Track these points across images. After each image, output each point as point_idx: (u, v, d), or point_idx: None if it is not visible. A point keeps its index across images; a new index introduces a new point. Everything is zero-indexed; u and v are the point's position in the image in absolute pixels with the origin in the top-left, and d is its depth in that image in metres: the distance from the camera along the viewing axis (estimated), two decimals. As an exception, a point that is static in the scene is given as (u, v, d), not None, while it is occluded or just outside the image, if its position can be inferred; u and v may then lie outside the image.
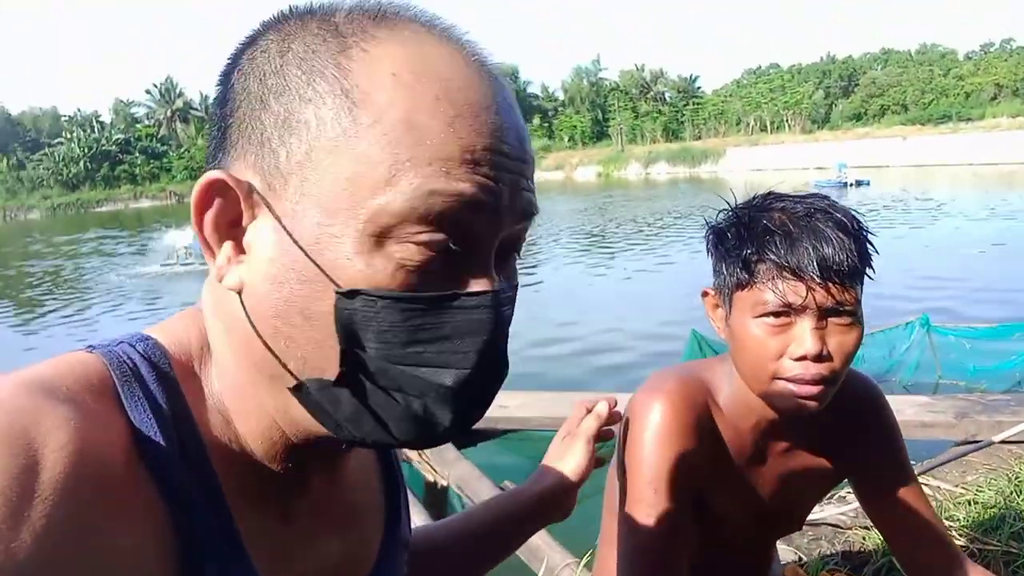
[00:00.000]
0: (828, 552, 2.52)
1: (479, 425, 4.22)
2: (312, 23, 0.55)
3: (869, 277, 1.18)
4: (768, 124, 79.88)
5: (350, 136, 0.51)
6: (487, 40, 0.61)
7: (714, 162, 60.00)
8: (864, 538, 2.55)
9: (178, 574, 0.52)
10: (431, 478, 3.93)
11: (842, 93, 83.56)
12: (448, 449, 3.92)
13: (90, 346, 0.57)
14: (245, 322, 0.56)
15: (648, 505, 1.23)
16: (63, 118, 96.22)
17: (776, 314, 1.14)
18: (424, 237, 0.52)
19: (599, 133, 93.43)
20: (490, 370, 0.56)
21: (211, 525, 0.54)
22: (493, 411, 4.32)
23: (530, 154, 0.59)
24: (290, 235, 0.53)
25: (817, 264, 1.10)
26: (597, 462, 1.15)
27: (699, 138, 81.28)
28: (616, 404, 1.19)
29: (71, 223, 55.47)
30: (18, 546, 0.41)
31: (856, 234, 1.15)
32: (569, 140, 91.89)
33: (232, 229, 0.56)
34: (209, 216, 0.55)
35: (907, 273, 11.57)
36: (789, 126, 78.20)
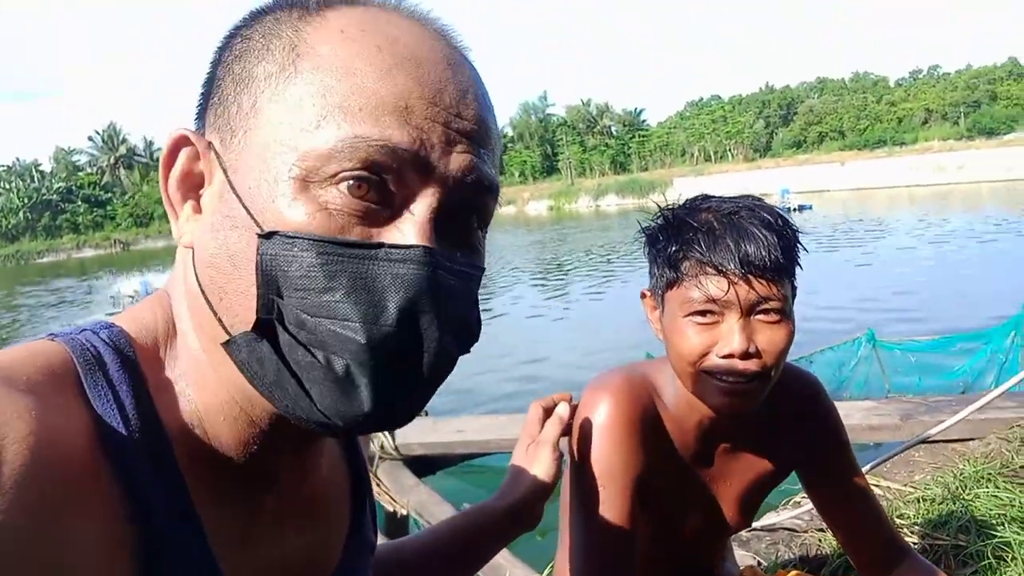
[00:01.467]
0: (786, 556, 2.54)
1: (437, 451, 4.21)
2: (287, 3, 0.57)
3: (794, 272, 1.20)
4: (712, 154, 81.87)
5: (289, 83, 0.53)
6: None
7: (661, 192, 60.95)
8: (820, 540, 2.58)
9: (137, 564, 0.51)
10: (391, 508, 3.87)
11: (782, 122, 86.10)
12: (406, 476, 3.88)
13: (52, 334, 0.56)
14: (194, 280, 0.56)
15: (599, 502, 1.23)
16: (1, 168, 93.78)
17: (703, 312, 1.16)
18: (346, 182, 0.51)
19: (549, 168, 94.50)
20: (420, 341, 0.52)
21: (171, 516, 0.53)
22: (451, 436, 4.34)
23: (485, 123, 0.57)
24: (230, 183, 0.54)
25: (739, 259, 1.12)
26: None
27: (646, 169, 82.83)
28: (572, 400, 1.20)
29: (10, 275, 53.72)
30: None
31: (781, 231, 1.16)
32: (520, 175, 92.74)
33: (195, 191, 0.57)
34: (174, 174, 0.57)
35: (851, 291, 11.87)
36: (732, 155, 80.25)
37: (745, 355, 1.14)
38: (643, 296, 1.34)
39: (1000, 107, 68.30)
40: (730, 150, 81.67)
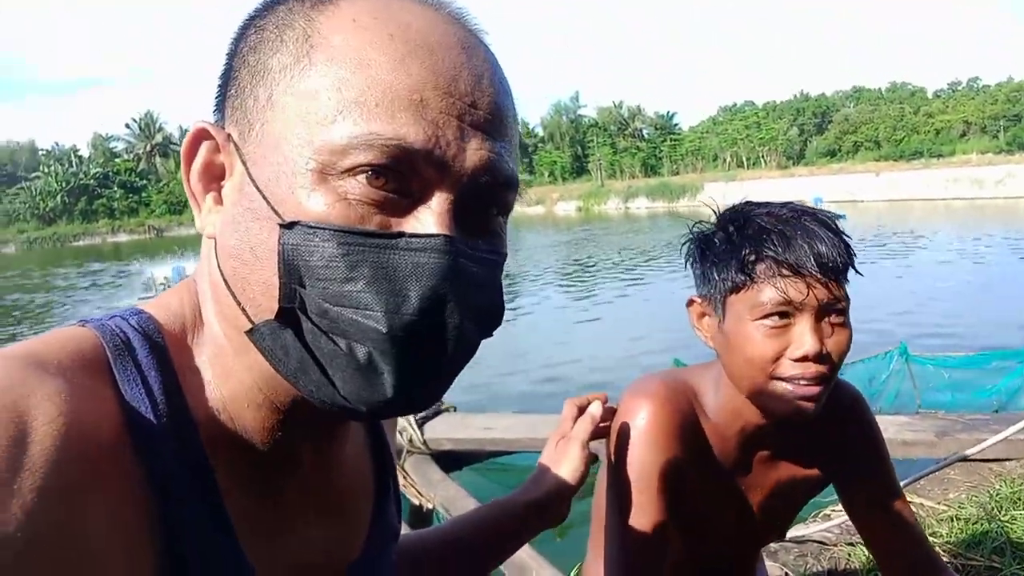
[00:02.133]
0: (814, 569, 2.52)
1: (465, 447, 4.22)
2: None
3: (858, 272, 1.20)
4: (744, 160, 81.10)
5: (304, 75, 0.53)
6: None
7: (692, 197, 60.61)
8: (849, 555, 2.56)
9: (163, 549, 0.52)
10: (416, 501, 3.89)
11: (816, 130, 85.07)
12: (433, 470, 3.90)
13: (83, 321, 0.57)
14: (217, 270, 0.57)
15: (635, 506, 1.23)
16: (40, 152, 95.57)
17: (776, 315, 1.14)
18: (364, 174, 0.51)
19: (579, 169, 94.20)
20: (442, 329, 0.53)
21: (197, 501, 0.54)
22: (479, 432, 4.33)
23: (501, 110, 0.57)
24: (250, 175, 0.54)
25: (814, 260, 1.12)
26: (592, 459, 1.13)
27: (677, 173, 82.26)
28: (607, 400, 1.19)
29: (47, 257, 54.78)
30: (6, 518, 0.41)
31: (840, 233, 1.17)
32: (549, 175, 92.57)
33: (217, 182, 0.58)
34: (196, 166, 0.58)
35: (885, 304, 11.71)
36: (765, 162, 79.42)
37: (818, 357, 1.13)
38: (690, 303, 1.31)
39: (1042, 121, 66.91)
40: (763, 157, 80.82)
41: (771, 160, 79.02)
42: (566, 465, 1.09)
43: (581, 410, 1.21)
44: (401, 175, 0.52)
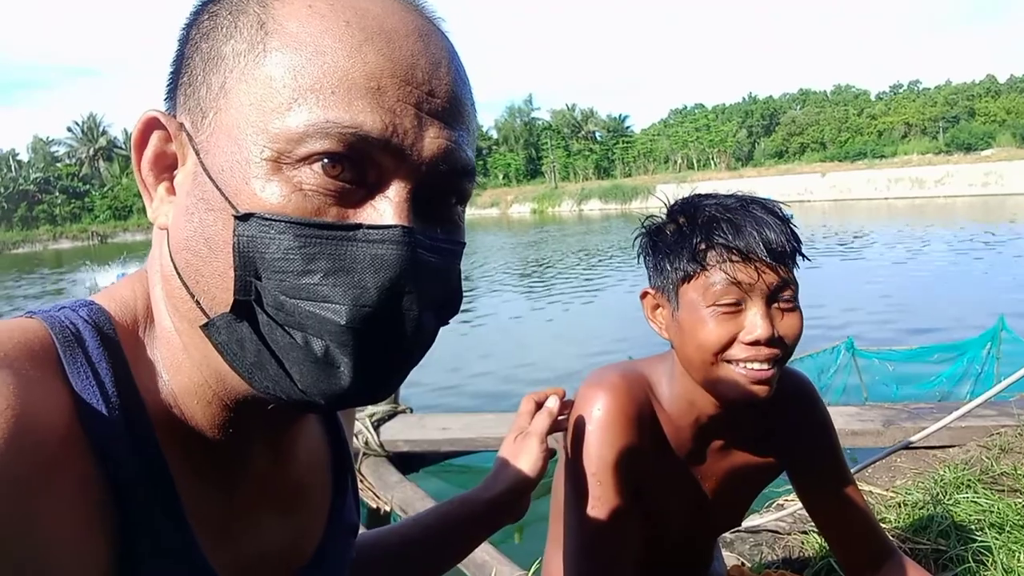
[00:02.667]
0: (769, 557, 2.56)
1: (422, 448, 4.20)
2: None
3: (805, 258, 1.22)
4: (695, 162, 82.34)
5: (258, 62, 0.52)
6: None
7: (644, 198, 61.31)
8: (803, 542, 2.61)
9: (116, 541, 0.51)
10: (373, 504, 3.86)
11: (764, 132, 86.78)
12: (390, 472, 3.87)
13: (31, 312, 0.56)
14: (170, 262, 0.56)
15: (593, 497, 1.24)
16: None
17: (727, 302, 1.17)
18: (320, 163, 0.50)
19: (533, 171, 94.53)
20: (400, 320, 0.53)
21: (151, 494, 0.53)
22: (435, 433, 4.32)
23: (458, 98, 0.56)
24: (203, 165, 0.53)
25: (764, 245, 1.14)
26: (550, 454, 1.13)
27: (629, 175, 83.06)
28: (564, 395, 1.20)
29: (-15, 265, 52.85)
30: None
31: (786, 220, 1.20)
32: (504, 178, 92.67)
33: (169, 172, 0.57)
34: (147, 156, 0.57)
35: (831, 300, 11.99)
36: (715, 163, 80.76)
37: (770, 341, 1.15)
38: (643, 296, 1.33)
39: (978, 123, 69.27)
40: (713, 158, 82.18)
41: (721, 162, 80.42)
42: (524, 460, 1.09)
43: (539, 405, 1.21)
44: (358, 164, 0.51)
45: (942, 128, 70.97)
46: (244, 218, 0.50)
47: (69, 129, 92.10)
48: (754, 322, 1.16)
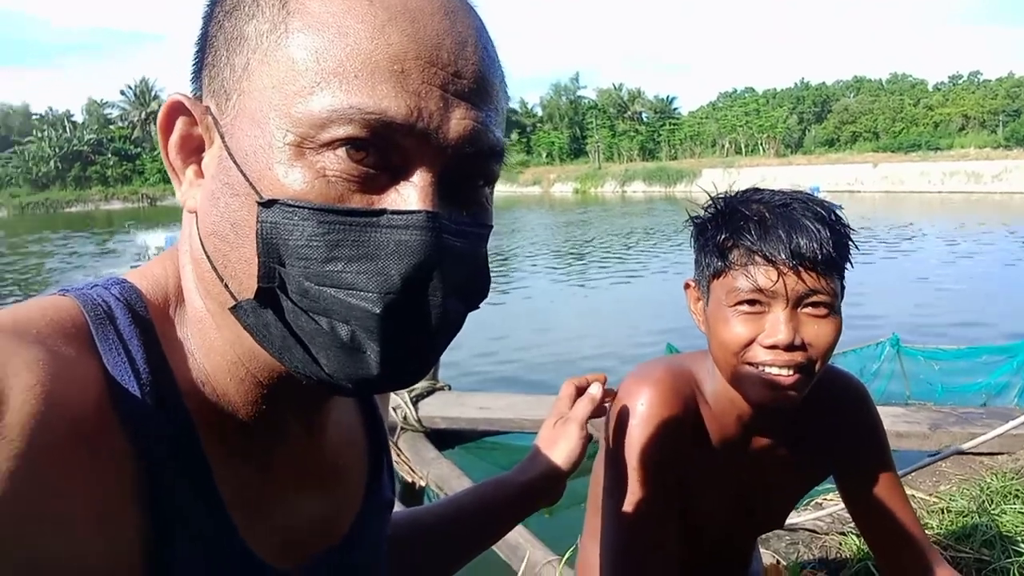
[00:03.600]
0: (806, 556, 2.54)
1: (459, 426, 4.24)
2: None
3: (848, 267, 1.18)
4: (743, 147, 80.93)
5: (280, 44, 0.51)
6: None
7: (689, 182, 60.58)
8: (841, 543, 2.58)
9: (148, 516, 0.51)
10: (409, 479, 3.91)
11: (815, 119, 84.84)
12: (427, 448, 3.90)
13: (63, 289, 0.56)
14: (199, 246, 0.56)
15: (632, 492, 1.23)
16: (34, 116, 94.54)
17: (750, 302, 1.15)
18: (344, 148, 0.50)
19: (577, 150, 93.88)
20: (426, 307, 0.52)
21: (183, 470, 0.53)
22: (474, 412, 4.36)
23: (485, 78, 0.55)
24: (227, 148, 0.53)
25: (790, 250, 1.11)
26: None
27: (675, 158, 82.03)
28: (606, 381, 1.17)
29: (40, 222, 54.45)
30: None
31: (833, 225, 1.15)
32: (547, 156, 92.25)
33: (196, 154, 0.57)
34: (173, 140, 0.56)
35: (878, 294, 11.75)
36: (763, 149, 79.27)
37: (790, 347, 1.13)
38: (687, 287, 1.32)
39: (1041, 117, 66.91)
40: (761, 144, 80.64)
41: (769, 148, 78.87)
42: (563, 446, 1.08)
43: (579, 390, 1.19)
44: (382, 148, 0.50)
45: (1002, 122, 68.61)
46: (267, 204, 0.50)
47: (122, 92, 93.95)
48: (774, 326, 1.14)
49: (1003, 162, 47.85)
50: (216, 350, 0.58)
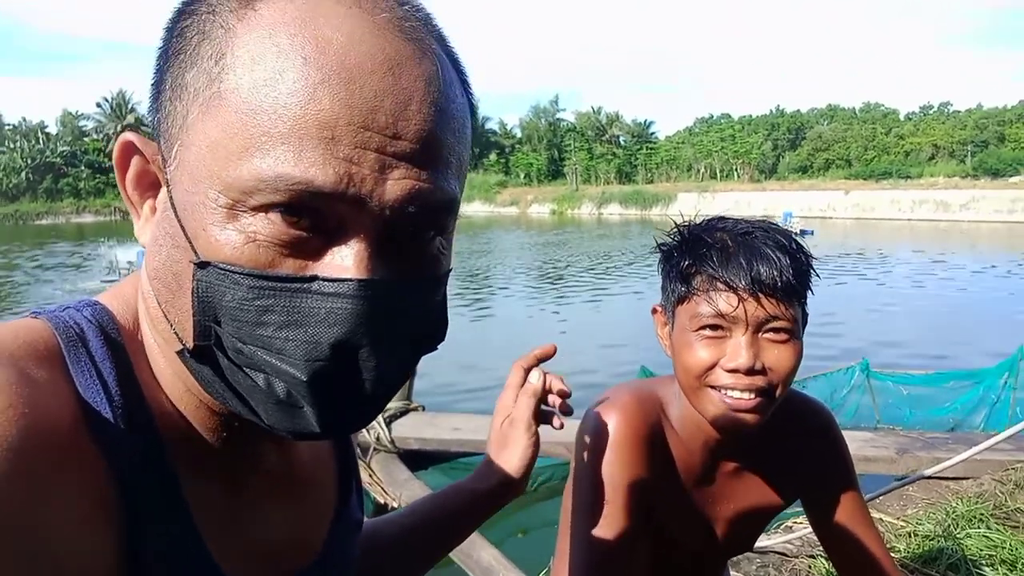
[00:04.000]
0: (775, 580, 2.55)
1: (432, 447, 4.20)
2: None
3: (809, 294, 1.21)
4: (718, 171, 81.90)
5: (214, 101, 0.49)
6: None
7: (665, 206, 61.14)
8: (810, 567, 2.60)
9: (122, 537, 0.51)
10: (382, 500, 3.87)
11: (789, 145, 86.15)
12: (400, 469, 3.88)
13: (35, 312, 0.56)
14: (147, 283, 0.56)
15: (601, 516, 1.23)
16: (7, 127, 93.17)
17: (712, 327, 1.17)
18: (276, 212, 0.48)
19: (554, 172, 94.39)
20: (358, 373, 0.51)
21: (156, 492, 0.53)
22: (446, 433, 4.33)
23: (432, 136, 0.51)
24: (171, 199, 0.52)
25: (750, 277, 1.14)
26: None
27: (651, 182, 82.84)
28: (555, 351, 1.08)
29: (8, 235, 53.51)
30: None
31: (794, 254, 1.18)
32: (525, 177, 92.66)
33: (154, 189, 0.57)
34: (129, 176, 0.56)
35: (848, 320, 11.90)
36: (738, 174, 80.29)
37: (751, 371, 1.15)
38: (654, 311, 1.34)
39: (1008, 149, 68.23)
40: (736, 169, 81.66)
41: (744, 173, 79.92)
42: (512, 452, 1.01)
43: (528, 374, 1.09)
44: (314, 214, 0.49)
45: (971, 152, 70.15)
46: (202, 265, 0.49)
47: (98, 104, 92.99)
48: (736, 350, 1.15)
49: (971, 191, 48.94)
50: (167, 380, 0.58)
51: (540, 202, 74.39)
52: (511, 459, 1.00)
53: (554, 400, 1.06)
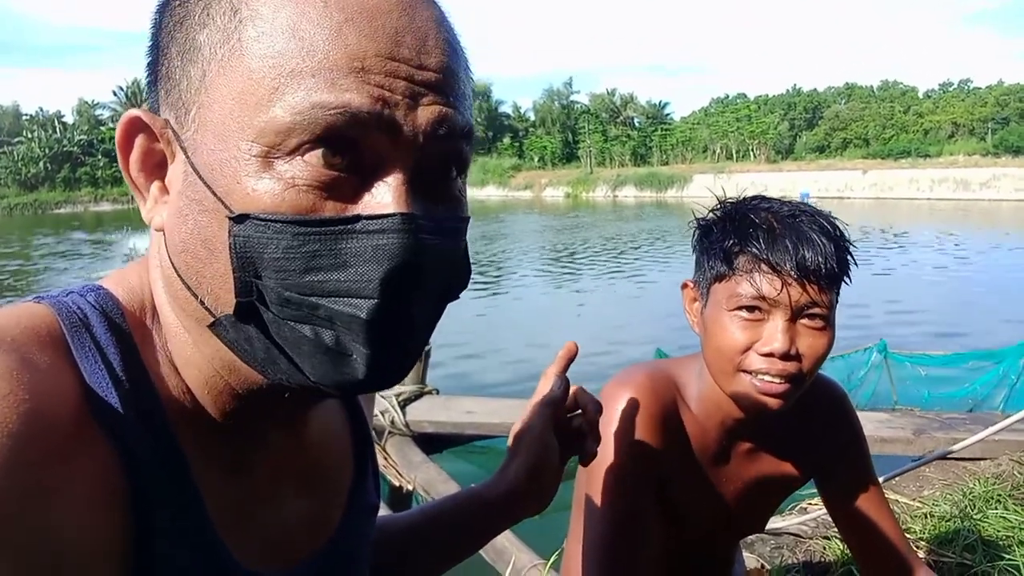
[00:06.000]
0: (789, 561, 2.55)
1: (446, 430, 4.24)
2: None
3: (845, 283, 1.21)
4: (734, 152, 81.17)
5: (236, 54, 0.50)
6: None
7: (680, 188, 60.71)
8: (824, 548, 2.60)
9: (131, 523, 0.51)
10: (396, 483, 3.90)
11: (806, 125, 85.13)
12: (414, 452, 3.90)
13: (38, 297, 0.55)
14: (169, 264, 0.55)
15: (615, 494, 1.24)
16: (24, 116, 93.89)
17: (750, 308, 1.16)
18: (313, 154, 0.49)
19: (568, 155, 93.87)
20: (409, 307, 0.52)
21: (165, 477, 0.53)
22: (460, 416, 4.36)
23: (451, 69, 0.55)
24: (191, 164, 0.52)
25: (796, 261, 1.13)
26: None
27: (666, 163, 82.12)
28: (577, 350, 1.03)
29: (28, 224, 54.06)
30: None
31: (837, 240, 1.18)
32: (539, 160, 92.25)
33: (160, 170, 0.56)
34: (133, 158, 0.55)
35: (866, 300, 11.81)
36: (754, 155, 79.54)
37: (785, 356, 1.14)
38: (684, 287, 1.34)
39: (1029, 125, 67.30)
40: (752, 150, 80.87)
41: (760, 153, 79.15)
42: (521, 460, 0.95)
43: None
44: (352, 148, 0.50)
45: (991, 129, 69.02)
46: (239, 219, 0.49)
47: (114, 93, 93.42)
48: (772, 335, 1.15)
49: (991, 169, 48.17)
50: (193, 364, 0.57)
51: (554, 185, 74.00)
52: (519, 469, 0.95)
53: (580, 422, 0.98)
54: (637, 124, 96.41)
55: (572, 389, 1.00)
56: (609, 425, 1.25)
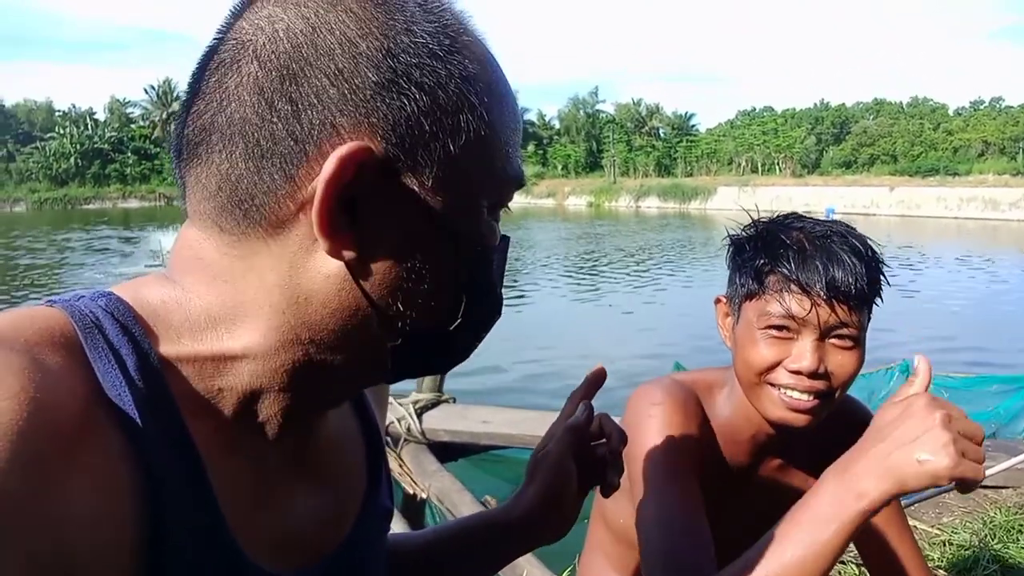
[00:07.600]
0: (804, 584, 2.52)
1: (462, 439, 4.22)
2: (438, 37, 0.58)
3: (876, 304, 1.21)
4: (759, 166, 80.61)
5: (475, 118, 0.59)
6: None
7: (704, 200, 60.39)
8: (840, 573, 2.57)
9: (144, 517, 0.52)
10: (411, 490, 3.90)
11: (833, 140, 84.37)
12: (429, 460, 3.91)
13: (50, 300, 0.57)
14: (339, 291, 0.57)
15: (665, 483, 1.19)
16: (57, 113, 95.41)
17: (779, 327, 1.17)
18: (495, 212, 0.65)
19: (592, 164, 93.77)
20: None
21: (180, 476, 0.54)
22: (476, 425, 4.35)
23: None
24: (428, 205, 0.58)
25: (825, 282, 1.14)
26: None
27: (691, 175, 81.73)
28: (605, 374, 1.00)
29: (58, 218, 54.93)
30: None
31: (869, 261, 1.18)
32: (563, 168, 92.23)
33: (349, 200, 0.55)
34: (342, 185, 0.54)
35: (889, 320, 11.68)
36: (780, 169, 78.96)
37: (814, 374, 1.15)
38: (717, 301, 1.35)
39: (1062, 146, 66.22)
40: (778, 163, 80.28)
41: (786, 167, 78.55)
42: (536, 485, 0.92)
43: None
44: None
45: (1022, 148, 68.06)
46: (477, 256, 0.63)
47: (145, 92, 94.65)
48: (801, 353, 1.16)
49: (1022, 189, 47.41)
50: (228, 396, 0.60)
51: (577, 194, 73.91)
52: (534, 496, 0.92)
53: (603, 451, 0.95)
54: (662, 134, 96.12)
55: (597, 416, 0.96)
56: (646, 422, 1.24)
